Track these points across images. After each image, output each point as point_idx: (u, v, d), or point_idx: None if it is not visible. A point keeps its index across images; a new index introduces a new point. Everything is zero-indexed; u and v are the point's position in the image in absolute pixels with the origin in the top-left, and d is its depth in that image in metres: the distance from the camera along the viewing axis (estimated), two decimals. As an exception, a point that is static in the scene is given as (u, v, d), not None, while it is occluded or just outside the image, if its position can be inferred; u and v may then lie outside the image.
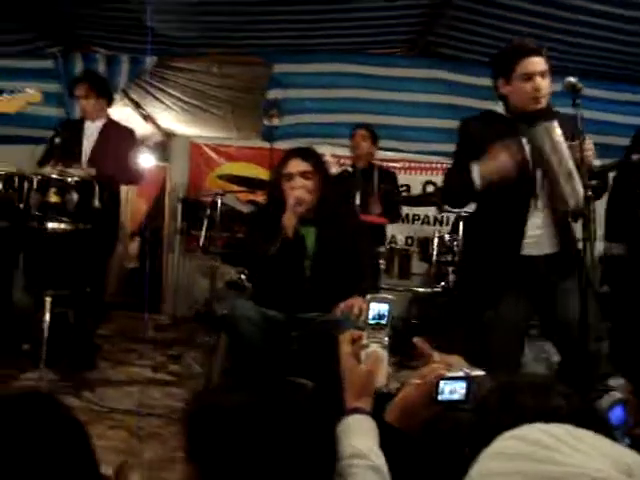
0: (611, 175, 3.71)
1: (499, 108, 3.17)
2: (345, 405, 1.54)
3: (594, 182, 2.85)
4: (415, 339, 1.75)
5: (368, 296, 1.73)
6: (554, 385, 1.30)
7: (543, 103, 3.02)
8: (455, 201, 3.42)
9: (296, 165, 3.37)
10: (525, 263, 3.04)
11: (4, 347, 4.27)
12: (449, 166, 3.39)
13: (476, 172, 2.99)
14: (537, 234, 3.05)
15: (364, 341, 1.66)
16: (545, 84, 3.00)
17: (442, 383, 1.56)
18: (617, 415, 1.49)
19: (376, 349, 1.66)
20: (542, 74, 3.00)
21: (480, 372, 1.59)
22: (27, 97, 3.99)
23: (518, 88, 3.02)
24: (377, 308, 1.71)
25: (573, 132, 2.88)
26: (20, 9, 5.38)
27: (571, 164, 2.87)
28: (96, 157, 4.55)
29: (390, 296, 1.75)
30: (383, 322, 1.70)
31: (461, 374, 1.58)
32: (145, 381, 4.39)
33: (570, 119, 2.87)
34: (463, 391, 1.56)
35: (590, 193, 2.64)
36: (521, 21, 5.18)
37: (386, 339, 1.68)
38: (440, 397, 1.56)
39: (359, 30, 5.86)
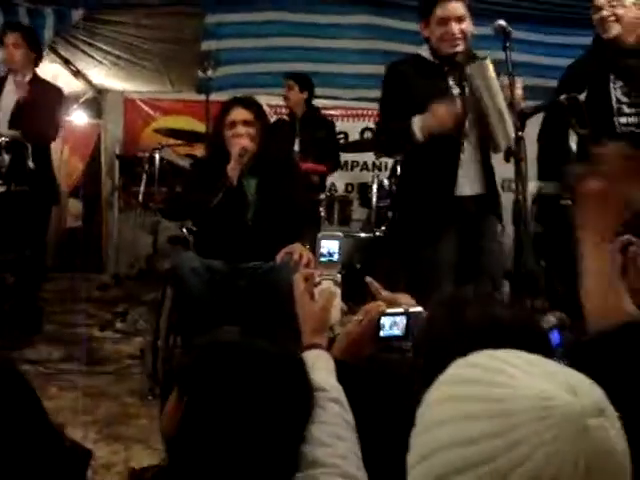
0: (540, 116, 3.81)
1: (424, 52, 3.22)
2: (302, 342, 1.59)
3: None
4: (367, 279, 1.80)
5: (319, 234, 1.75)
6: (496, 297, 1.37)
7: (460, 46, 3.07)
8: (393, 151, 3.51)
9: (238, 114, 3.36)
10: (457, 202, 3.13)
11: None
12: (380, 113, 3.42)
13: (417, 127, 3.03)
14: (466, 175, 3.13)
15: (317, 279, 1.70)
16: (461, 28, 3.05)
17: (383, 319, 1.62)
18: (554, 339, 1.58)
19: (329, 285, 1.70)
20: (459, 19, 3.06)
21: (419, 308, 1.66)
22: None
23: (435, 31, 3.09)
24: (327, 245, 1.74)
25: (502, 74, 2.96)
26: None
27: (503, 104, 2.93)
28: (19, 113, 4.38)
29: (340, 233, 1.78)
30: (334, 259, 1.73)
31: (400, 310, 1.65)
32: (92, 340, 4.39)
33: (499, 63, 2.94)
34: (403, 326, 1.63)
35: (521, 133, 2.70)
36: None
37: (338, 275, 1.72)
38: (382, 333, 1.63)
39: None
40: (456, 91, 3.07)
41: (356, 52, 6.37)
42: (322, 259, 1.73)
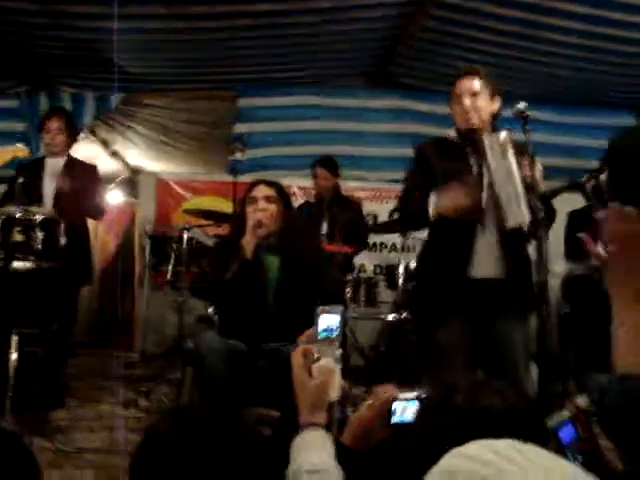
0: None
1: (452, 133, 3.25)
2: (299, 420, 1.56)
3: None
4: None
5: (317, 309, 1.72)
6: (490, 384, 1.33)
7: (474, 122, 3.08)
8: (413, 226, 3.49)
9: (260, 190, 3.43)
10: (471, 285, 3.06)
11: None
12: (402, 191, 3.42)
13: (432, 204, 3.04)
14: (482, 256, 3.06)
15: (315, 355, 1.67)
16: (475, 104, 3.08)
17: (395, 404, 1.59)
18: (568, 433, 1.51)
19: (327, 362, 1.66)
20: (473, 94, 3.09)
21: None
22: (15, 151, 4.05)
23: (453, 108, 3.16)
24: (327, 321, 1.70)
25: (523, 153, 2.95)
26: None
27: (517, 182, 2.90)
28: (60, 194, 4.55)
29: (340, 306, 1.75)
30: (333, 334, 1.70)
31: (413, 395, 1.60)
32: (115, 418, 4.36)
33: (521, 143, 2.94)
34: (415, 411, 1.58)
35: (542, 215, 2.68)
36: (476, 50, 5.33)
37: (338, 352, 1.68)
38: (394, 418, 1.59)
39: (321, 63, 5.97)
40: (475, 170, 3.06)
41: (384, 135, 6.50)
42: (321, 334, 1.69)
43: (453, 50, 5.47)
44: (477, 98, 3.09)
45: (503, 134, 2.94)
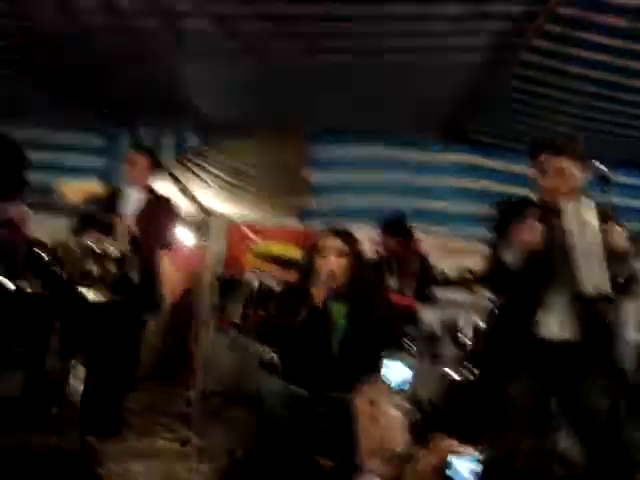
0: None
1: (534, 195, 3.24)
2: (359, 466, 1.54)
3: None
4: None
5: (385, 355, 1.70)
6: (552, 449, 1.31)
7: (560, 200, 3.06)
8: (498, 287, 3.49)
9: (332, 243, 3.46)
10: (542, 346, 3.02)
11: (33, 410, 4.31)
12: (490, 253, 3.40)
13: (509, 257, 3.06)
14: (555, 318, 3.04)
15: (382, 404, 1.65)
16: (561, 183, 3.07)
17: (452, 458, 1.56)
18: None
19: (394, 413, 1.64)
20: (561, 173, 3.07)
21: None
22: (91, 188, 4.20)
23: (539, 178, 3.15)
24: (398, 371, 1.69)
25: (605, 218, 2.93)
26: (72, 87, 5.67)
27: (599, 248, 2.86)
28: (139, 226, 4.67)
29: (411, 359, 1.73)
30: (403, 385, 1.68)
31: (471, 452, 1.58)
32: (170, 455, 4.38)
33: (604, 208, 2.91)
34: (472, 468, 1.56)
35: (621, 280, 2.62)
36: (554, 110, 5.30)
37: (406, 404, 1.66)
38: (450, 473, 1.56)
39: (395, 115, 6.01)
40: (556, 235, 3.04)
41: (453, 190, 6.48)
42: (392, 384, 1.67)
43: (529, 108, 5.46)
44: (565, 177, 3.08)
45: (586, 200, 2.92)
